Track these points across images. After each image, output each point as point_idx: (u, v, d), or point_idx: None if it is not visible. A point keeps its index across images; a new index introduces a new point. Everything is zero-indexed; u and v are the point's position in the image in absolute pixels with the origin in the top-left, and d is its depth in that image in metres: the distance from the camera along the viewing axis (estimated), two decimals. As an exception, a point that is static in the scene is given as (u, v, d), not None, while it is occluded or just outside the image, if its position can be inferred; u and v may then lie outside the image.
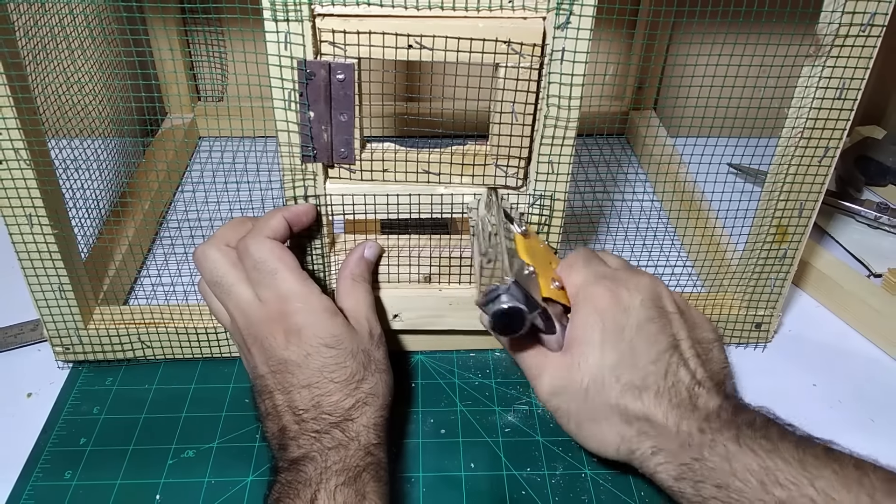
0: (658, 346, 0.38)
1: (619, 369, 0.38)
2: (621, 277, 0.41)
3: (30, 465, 0.44)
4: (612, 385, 0.38)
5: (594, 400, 0.38)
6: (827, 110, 0.43)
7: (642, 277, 0.41)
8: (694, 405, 0.37)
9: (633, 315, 0.39)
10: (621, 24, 0.72)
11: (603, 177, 0.72)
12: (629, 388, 0.38)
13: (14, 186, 0.42)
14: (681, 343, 0.39)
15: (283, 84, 0.39)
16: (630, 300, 0.39)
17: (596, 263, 0.42)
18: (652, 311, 0.39)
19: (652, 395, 0.37)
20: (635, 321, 0.39)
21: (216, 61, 0.75)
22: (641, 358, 0.38)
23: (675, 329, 0.40)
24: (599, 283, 0.40)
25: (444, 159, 0.43)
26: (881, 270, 0.61)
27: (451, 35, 0.38)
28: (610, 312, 0.39)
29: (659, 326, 0.39)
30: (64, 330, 0.48)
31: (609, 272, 0.41)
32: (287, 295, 0.40)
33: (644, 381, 0.38)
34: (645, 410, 0.37)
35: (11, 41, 0.40)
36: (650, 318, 0.39)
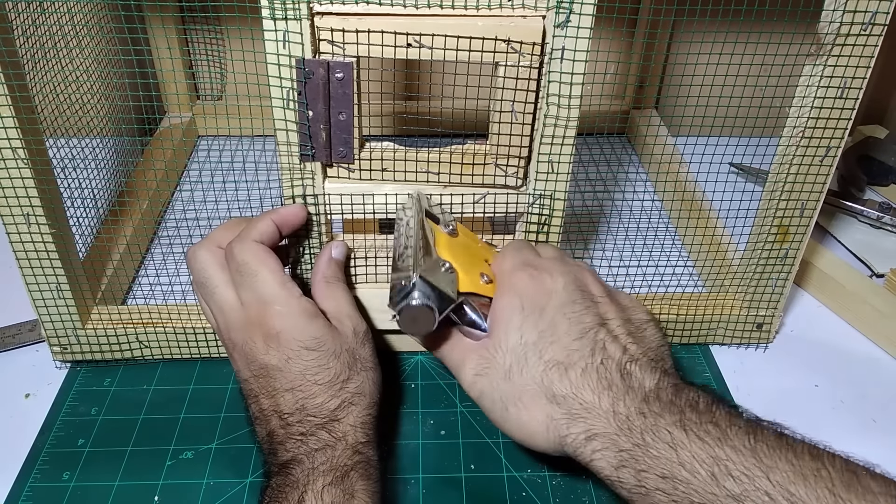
0: (582, 325, 0.37)
1: (541, 346, 0.36)
2: (546, 265, 0.40)
3: (28, 466, 0.43)
4: (535, 363, 0.36)
5: (518, 380, 0.36)
6: (828, 109, 0.43)
7: (569, 265, 0.40)
8: (629, 385, 0.35)
9: (555, 297, 0.38)
10: (621, 23, 0.72)
11: (604, 176, 0.72)
12: (553, 365, 0.36)
13: (11, 186, 0.42)
14: (609, 321, 0.38)
15: (282, 83, 0.39)
16: (552, 284, 0.38)
17: (526, 252, 0.41)
18: (575, 294, 0.38)
19: (579, 372, 0.35)
20: (557, 302, 0.37)
21: (215, 60, 0.74)
22: (565, 335, 0.36)
23: (602, 310, 0.38)
24: (523, 269, 0.39)
25: (444, 159, 0.43)
26: (883, 270, 0.61)
27: (451, 34, 0.38)
28: (529, 295, 0.38)
29: (583, 307, 0.38)
30: (62, 330, 0.48)
31: (536, 260, 0.40)
32: (266, 298, 0.40)
33: (569, 358, 0.36)
34: (572, 388, 0.35)
35: (9, 40, 0.40)
36: (573, 300, 0.38)
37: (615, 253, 0.60)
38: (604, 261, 0.60)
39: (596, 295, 0.39)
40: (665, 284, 0.56)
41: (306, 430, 0.38)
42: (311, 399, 0.38)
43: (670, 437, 0.32)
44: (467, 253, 0.42)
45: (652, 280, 0.57)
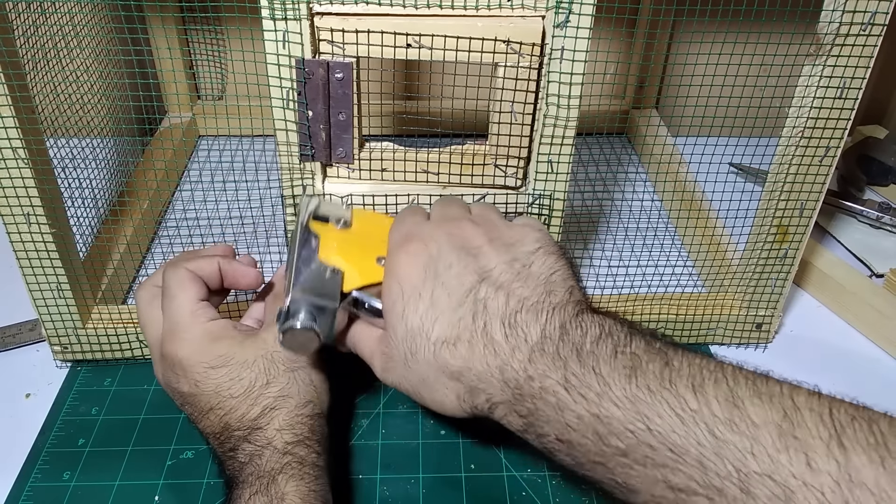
0: (461, 288, 0.34)
1: (426, 327, 0.34)
2: (424, 232, 0.37)
3: (28, 466, 0.44)
4: (425, 345, 0.34)
5: (416, 367, 0.35)
6: (828, 110, 0.43)
7: (444, 224, 0.37)
8: (514, 345, 0.32)
9: (431, 267, 0.35)
10: (621, 23, 0.72)
11: (603, 176, 0.72)
12: (441, 344, 0.34)
13: (12, 185, 0.42)
14: (491, 272, 0.35)
15: (282, 83, 0.39)
16: (427, 253, 0.36)
17: (409, 222, 0.39)
18: (451, 254, 0.35)
19: (465, 343, 0.33)
20: (433, 273, 0.35)
21: (215, 60, 0.74)
22: (446, 308, 0.34)
23: (483, 261, 0.35)
24: (400, 246, 0.37)
25: (443, 159, 0.43)
26: (883, 270, 0.61)
27: (450, 34, 0.38)
28: (407, 275, 0.36)
29: (461, 267, 0.35)
30: (62, 329, 0.48)
31: (415, 229, 0.38)
32: (174, 326, 0.40)
33: (454, 331, 0.34)
34: (464, 363, 0.33)
35: (10, 40, 0.40)
36: (449, 263, 0.35)
37: (615, 253, 0.60)
38: (603, 261, 0.60)
39: (477, 245, 0.36)
40: (665, 284, 0.56)
41: (233, 445, 0.38)
42: (232, 413, 0.38)
43: (556, 400, 0.31)
44: (361, 243, 0.40)
45: (651, 280, 0.57)
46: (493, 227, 0.37)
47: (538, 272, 0.35)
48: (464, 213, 0.39)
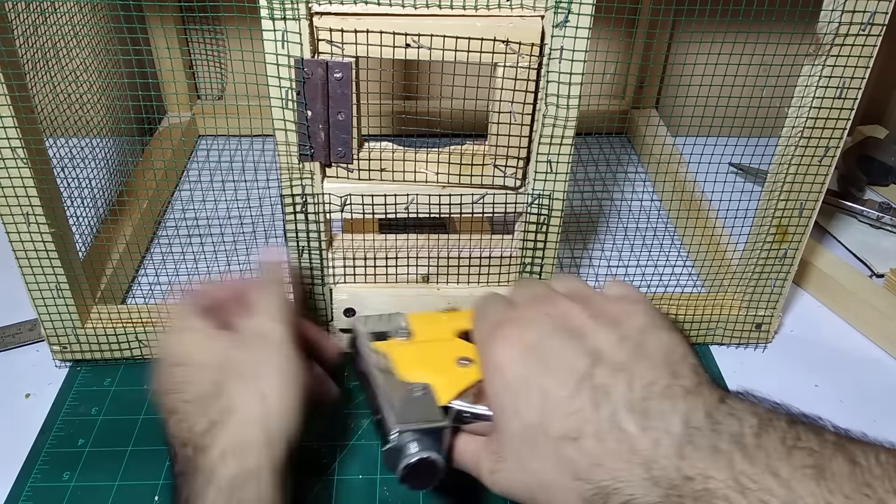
0: (574, 374, 0.31)
1: (543, 422, 0.31)
2: (516, 317, 0.35)
3: (28, 466, 0.43)
4: (544, 443, 0.31)
5: (534, 466, 0.31)
6: (827, 109, 0.43)
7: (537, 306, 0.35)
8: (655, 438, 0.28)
9: (534, 353, 0.32)
10: (621, 23, 0.72)
11: (603, 176, 0.72)
12: (562, 440, 0.30)
13: (11, 185, 0.42)
14: (603, 353, 0.32)
15: (281, 83, 0.39)
16: (524, 338, 0.33)
17: (493, 310, 0.37)
18: (554, 337, 0.33)
19: (591, 439, 0.30)
20: (538, 359, 0.32)
21: (215, 60, 0.74)
22: (560, 398, 0.31)
23: (591, 342, 0.32)
24: (493, 336, 0.34)
25: (443, 159, 0.43)
26: (883, 270, 0.61)
27: (449, 34, 0.38)
28: (509, 366, 0.33)
29: (569, 350, 0.32)
30: (61, 329, 0.48)
31: (505, 316, 0.35)
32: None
33: (575, 425, 0.30)
34: (593, 460, 0.29)
35: (9, 40, 0.40)
36: (553, 347, 0.32)
37: (614, 253, 0.60)
38: (603, 261, 0.60)
39: (579, 324, 0.33)
40: (664, 284, 0.56)
41: (185, 469, 0.34)
42: (182, 423, 0.35)
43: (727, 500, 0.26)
44: (433, 350, 0.39)
45: (651, 280, 0.57)
46: (591, 302, 0.35)
47: (654, 351, 0.32)
48: (551, 291, 0.36)
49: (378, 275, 0.47)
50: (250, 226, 0.62)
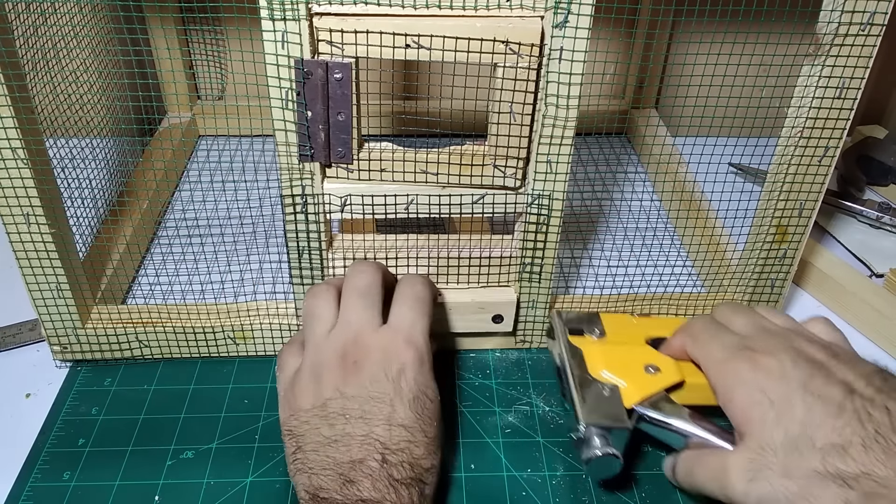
0: (835, 399, 0.36)
1: (809, 433, 0.35)
2: (756, 345, 0.39)
3: (28, 466, 0.44)
4: (810, 452, 0.35)
5: (799, 474, 0.35)
6: (827, 110, 0.43)
7: (776, 337, 0.40)
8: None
9: (792, 380, 0.37)
10: (620, 23, 0.72)
11: (603, 176, 0.72)
12: (831, 450, 0.34)
13: (11, 185, 0.42)
14: (853, 384, 0.36)
15: (281, 83, 0.39)
16: (780, 366, 0.37)
17: (724, 333, 0.41)
18: (806, 367, 0.37)
19: (859, 448, 0.34)
20: (796, 384, 0.37)
21: (215, 60, 0.75)
22: (824, 416, 0.35)
23: (841, 374, 0.37)
24: (739, 356, 0.39)
25: (443, 159, 0.43)
26: (883, 270, 0.61)
27: (449, 35, 0.38)
28: (768, 384, 0.37)
29: (822, 379, 0.36)
30: (62, 329, 0.48)
31: (739, 341, 0.40)
32: None
33: (842, 437, 0.34)
34: (860, 467, 0.33)
35: (9, 40, 0.40)
36: (809, 375, 0.37)
37: (614, 253, 0.60)
38: (603, 261, 0.60)
39: (821, 359, 0.38)
40: (664, 284, 0.56)
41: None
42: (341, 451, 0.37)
43: None
44: (624, 353, 0.42)
45: (651, 280, 0.57)
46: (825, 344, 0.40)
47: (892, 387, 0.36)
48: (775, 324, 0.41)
49: (378, 275, 0.47)
50: (250, 226, 0.63)
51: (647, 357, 0.42)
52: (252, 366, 0.50)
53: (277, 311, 0.50)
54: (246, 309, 0.50)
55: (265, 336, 0.50)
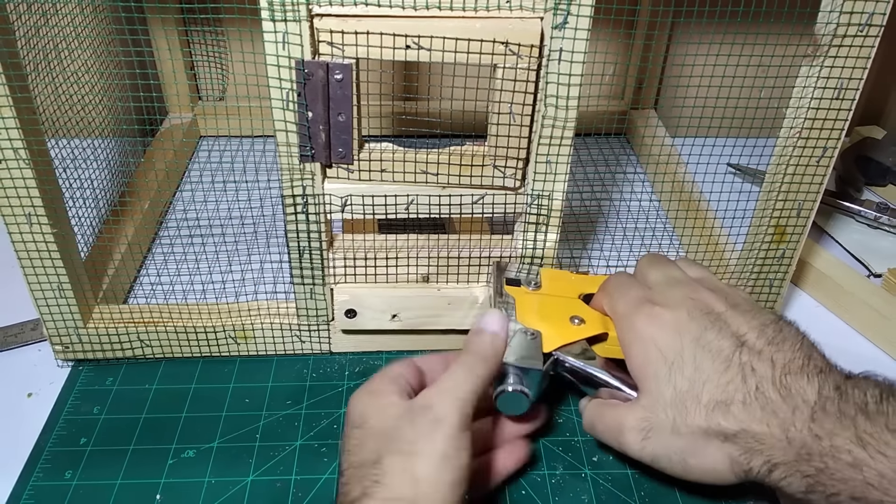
0: (724, 352, 0.36)
1: (695, 390, 0.36)
2: (660, 297, 0.39)
3: (30, 465, 0.44)
4: (696, 409, 0.35)
5: (686, 432, 0.36)
6: (825, 110, 0.43)
7: (678, 288, 0.39)
8: (793, 405, 0.33)
9: (687, 332, 0.37)
10: (619, 24, 0.72)
11: (602, 176, 0.72)
12: (714, 406, 0.35)
13: (13, 186, 0.42)
14: (745, 336, 0.36)
15: (282, 84, 0.39)
16: (677, 318, 0.38)
17: (632, 287, 0.41)
18: (702, 319, 0.37)
19: (740, 405, 0.34)
20: (690, 338, 0.37)
21: (216, 61, 0.75)
22: (712, 371, 0.36)
23: (735, 326, 0.37)
24: (639, 310, 0.39)
25: (443, 159, 0.43)
26: (881, 270, 0.61)
27: (449, 36, 0.38)
28: (662, 339, 0.37)
29: (715, 332, 0.37)
30: (63, 329, 0.48)
31: (647, 294, 0.40)
32: None
33: (725, 393, 0.35)
34: (739, 424, 0.34)
35: (10, 41, 0.40)
36: (704, 328, 0.37)
37: (613, 253, 0.61)
38: (602, 261, 0.60)
39: (720, 310, 0.38)
40: (663, 284, 0.56)
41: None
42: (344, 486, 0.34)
43: (851, 458, 0.31)
44: (553, 303, 0.43)
45: (650, 280, 0.57)
46: (726, 294, 0.39)
47: (790, 339, 0.36)
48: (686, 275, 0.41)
49: (378, 275, 0.48)
50: (251, 226, 0.63)
51: (575, 309, 0.43)
52: (253, 365, 0.51)
53: (278, 311, 0.50)
54: (247, 309, 0.50)
55: (266, 336, 0.50)
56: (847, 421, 0.32)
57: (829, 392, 0.33)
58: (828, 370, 0.35)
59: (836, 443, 0.32)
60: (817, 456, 0.32)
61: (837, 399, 0.33)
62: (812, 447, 0.32)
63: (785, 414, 0.33)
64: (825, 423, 0.32)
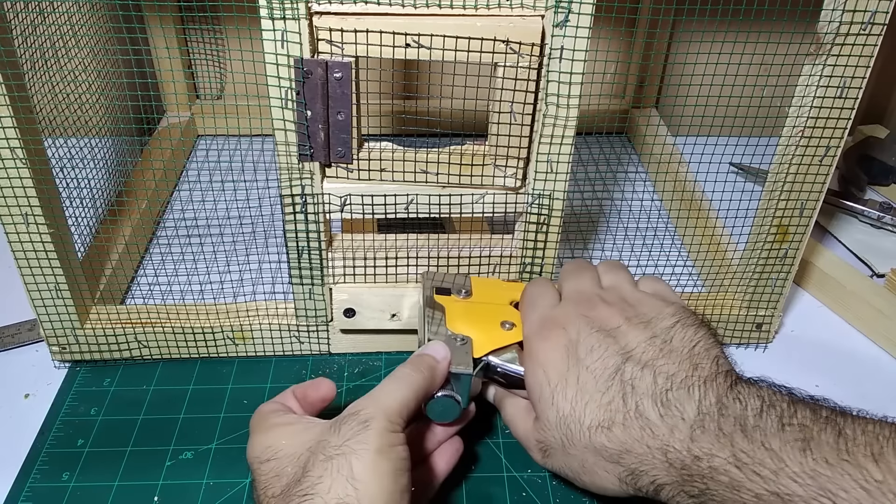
0: (606, 371, 0.35)
1: (577, 413, 0.35)
2: (559, 314, 0.38)
3: (27, 467, 0.43)
4: (579, 431, 0.35)
5: (574, 451, 0.35)
6: (828, 109, 0.43)
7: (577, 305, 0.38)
8: (671, 425, 0.32)
9: (573, 352, 0.36)
10: (621, 22, 0.72)
11: (603, 175, 0.71)
12: (596, 428, 0.34)
13: (10, 185, 0.42)
14: (633, 351, 0.35)
15: (280, 83, 0.39)
16: (567, 338, 0.37)
17: (539, 301, 0.40)
18: (591, 337, 0.36)
19: (620, 426, 0.34)
20: (576, 358, 0.36)
21: (214, 60, 0.74)
22: (594, 391, 0.35)
23: (623, 342, 0.36)
24: (538, 332, 0.38)
25: (443, 159, 0.43)
26: (884, 270, 0.61)
27: (450, 34, 0.38)
28: (550, 362, 0.37)
29: (603, 350, 0.36)
30: (60, 329, 0.48)
31: (547, 313, 0.39)
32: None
33: (606, 414, 0.34)
34: (621, 445, 0.33)
35: (7, 40, 0.40)
36: (590, 347, 0.36)
37: (615, 252, 0.60)
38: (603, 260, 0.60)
39: (615, 325, 0.37)
40: (665, 284, 0.56)
41: None
42: None
43: (728, 480, 0.30)
44: (483, 310, 0.43)
45: (651, 280, 0.57)
46: (628, 305, 0.38)
47: (680, 346, 0.35)
48: (595, 287, 0.40)
49: (378, 275, 0.47)
50: (250, 226, 0.62)
51: (506, 315, 0.43)
52: (251, 366, 0.50)
53: (277, 312, 0.50)
54: (245, 309, 0.50)
55: (264, 336, 0.50)
56: (725, 440, 0.31)
57: (709, 407, 0.32)
58: (713, 378, 0.33)
59: (714, 464, 0.31)
60: (698, 478, 0.31)
61: (717, 414, 0.32)
62: (692, 468, 0.31)
63: (663, 434, 0.32)
64: (703, 443, 0.31)
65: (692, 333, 0.36)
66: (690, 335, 0.36)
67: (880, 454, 0.28)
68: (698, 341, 0.35)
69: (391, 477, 0.31)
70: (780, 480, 0.29)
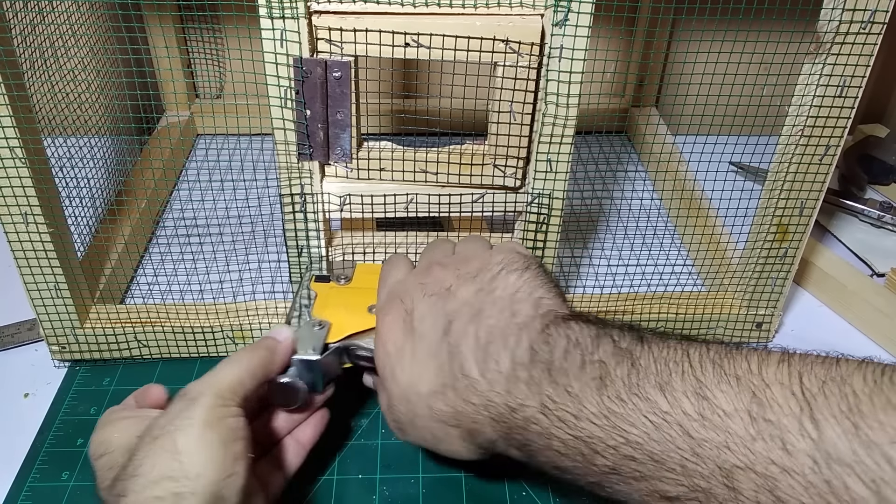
0: (436, 336, 0.34)
1: (414, 384, 0.34)
2: (399, 289, 0.37)
3: (27, 466, 0.43)
4: (419, 401, 0.34)
5: (419, 421, 0.35)
6: (828, 108, 0.43)
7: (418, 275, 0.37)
8: (489, 379, 0.32)
9: (408, 323, 0.35)
10: (620, 21, 0.72)
11: (603, 175, 0.71)
12: (432, 395, 0.34)
13: (9, 185, 0.42)
14: (458, 311, 0.34)
15: (280, 82, 0.39)
16: (402, 310, 0.36)
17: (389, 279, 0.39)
18: (422, 305, 0.35)
19: (451, 390, 0.33)
20: (409, 328, 0.35)
21: (213, 59, 0.74)
22: (425, 359, 0.34)
23: (451, 302, 0.35)
24: (381, 308, 0.38)
25: (442, 158, 0.43)
26: (884, 270, 0.61)
27: (449, 33, 0.38)
28: (389, 336, 0.36)
29: (432, 315, 0.35)
30: (60, 329, 0.48)
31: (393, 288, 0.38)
32: None
33: (438, 379, 0.34)
34: (454, 407, 0.33)
35: (7, 39, 0.40)
36: (422, 314, 0.35)
37: (614, 252, 0.60)
38: (603, 260, 0.60)
39: (447, 287, 0.35)
40: (664, 283, 0.56)
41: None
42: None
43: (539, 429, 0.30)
44: (355, 295, 0.43)
45: (651, 279, 0.57)
46: (463, 262, 0.37)
47: (501, 295, 0.34)
48: (443, 256, 0.39)
49: (377, 274, 0.47)
50: (249, 225, 0.62)
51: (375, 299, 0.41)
52: (251, 365, 0.50)
53: (276, 311, 0.50)
54: (245, 308, 0.50)
55: (264, 335, 0.50)
56: (535, 388, 0.30)
57: (522, 355, 0.31)
58: (529, 323, 0.32)
59: (527, 414, 0.30)
60: (517, 430, 0.31)
61: (528, 362, 0.31)
62: (510, 421, 0.31)
63: (483, 389, 0.32)
64: (517, 393, 0.31)
65: (515, 279, 0.35)
66: (513, 281, 0.34)
67: (668, 384, 0.27)
68: (520, 286, 0.34)
69: (220, 445, 0.31)
70: (580, 424, 0.29)
